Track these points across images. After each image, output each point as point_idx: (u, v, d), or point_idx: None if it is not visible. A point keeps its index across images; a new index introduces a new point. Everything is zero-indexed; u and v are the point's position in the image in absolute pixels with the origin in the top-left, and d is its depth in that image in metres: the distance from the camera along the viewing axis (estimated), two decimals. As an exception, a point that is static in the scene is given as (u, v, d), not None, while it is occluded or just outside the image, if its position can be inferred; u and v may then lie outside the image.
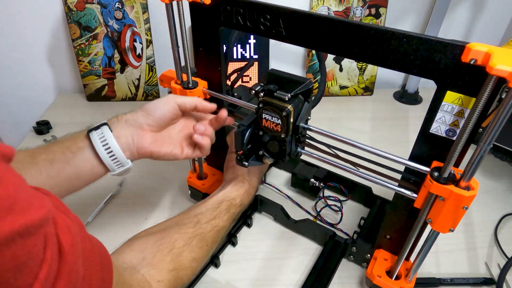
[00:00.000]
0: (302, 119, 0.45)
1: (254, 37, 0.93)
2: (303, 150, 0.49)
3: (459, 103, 0.36)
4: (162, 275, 0.41)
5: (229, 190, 0.55)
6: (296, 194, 0.72)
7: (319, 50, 0.42)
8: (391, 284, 0.49)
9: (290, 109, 0.42)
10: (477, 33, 1.02)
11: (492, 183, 0.75)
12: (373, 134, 0.89)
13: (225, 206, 0.52)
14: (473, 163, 0.34)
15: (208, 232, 0.49)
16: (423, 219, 0.41)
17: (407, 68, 0.36)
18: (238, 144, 0.47)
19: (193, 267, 0.46)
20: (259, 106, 0.45)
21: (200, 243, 0.47)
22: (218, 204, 0.52)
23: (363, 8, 0.93)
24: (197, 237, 0.47)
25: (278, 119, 0.44)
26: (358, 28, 0.37)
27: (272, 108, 0.43)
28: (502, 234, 0.64)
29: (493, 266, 0.59)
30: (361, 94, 1.04)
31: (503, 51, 0.30)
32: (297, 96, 0.44)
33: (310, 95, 0.45)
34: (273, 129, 0.45)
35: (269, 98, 0.44)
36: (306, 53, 1.00)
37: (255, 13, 0.43)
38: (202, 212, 0.50)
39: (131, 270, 0.39)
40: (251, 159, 0.50)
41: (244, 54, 0.95)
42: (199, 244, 0.47)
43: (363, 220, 0.64)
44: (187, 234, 0.46)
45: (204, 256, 0.48)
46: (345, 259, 0.59)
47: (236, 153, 0.48)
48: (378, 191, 0.67)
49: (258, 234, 0.64)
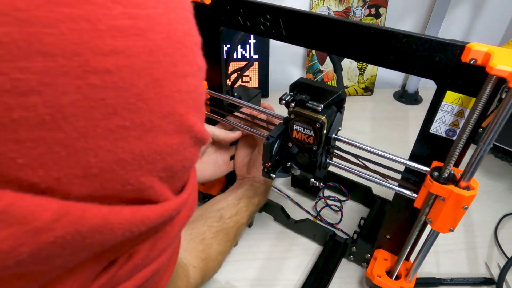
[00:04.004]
0: (334, 130, 0.43)
1: (254, 37, 0.93)
2: (331, 161, 0.47)
3: (459, 103, 0.36)
4: (197, 262, 0.42)
5: (248, 189, 0.56)
6: (296, 194, 0.72)
7: (319, 50, 0.42)
8: (391, 284, 0.49)
9: (324, 120, 0.40)
10: (477, 33, 1.02)
11: (492, 183, 0.75)
12: (373, 134, 0.89)
13: (244, 203, 0.54)
14: (473, 163, 0.34)
15: (231, 227, 0.50)
16: (423, 219, 0.41)
17: (407, 68, 0.36)
18: (266, 156, 0.45)
19: (219, 260, 0.48)
20: (290, 117, 0.43)
21: (225, 238, 0.49)
22: (238, 201, 0.53)
23: (363, 8, 0.93)
24: (223, 231, 0.49)
25: (311, 131, 0.42)
26: (358, 28, 0.37)
27: (304, 119, 0.42)
28: (502, 234, 0.64)
29: (493, 266, 0.59)
30: (361, 94, 1.04)
31: (503, 51, 0.30)
32: (330, 106, 0.42)
33: (343, 105, 0.44)
34: (305, 141, 0.43)
35: (301, 108, 0.42)
36: (306, 53, 1.00)
37: (255, 13, 0.43)
38: (224, 207, 0.52)
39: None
40: (278, 171, 0.48)
41: (244, 54, 0.95)
42: (224, 238, 0.49)
43: (363, 220, 0.64)
44: (214, 228, 0.48)
45: (227, 251, 0.50)
46: (345, 259, 0.59)
47: (263, 165, 0.46)
48: (378, 191, 0.67)
49: (258, 234, 0.64)
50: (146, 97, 0.15)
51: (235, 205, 0.53)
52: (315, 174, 0.46)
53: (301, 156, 0.46)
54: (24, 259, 0.14)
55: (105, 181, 0.15)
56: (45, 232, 0.14)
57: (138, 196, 0.17)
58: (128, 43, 0.15)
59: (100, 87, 0.14)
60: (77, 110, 0.14)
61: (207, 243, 0.46)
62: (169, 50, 0.16)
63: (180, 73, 0.17)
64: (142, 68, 0.15)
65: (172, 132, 0.17)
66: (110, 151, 0.15)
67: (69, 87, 0.13)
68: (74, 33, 0.13)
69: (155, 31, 0.16)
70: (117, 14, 0.14)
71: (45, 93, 0.13)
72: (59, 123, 0.13)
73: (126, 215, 0.16)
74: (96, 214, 0.15)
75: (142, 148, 0.16)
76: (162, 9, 0.16)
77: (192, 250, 0.43)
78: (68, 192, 0.14)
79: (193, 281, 0.40)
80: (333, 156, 0.48)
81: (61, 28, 0.13)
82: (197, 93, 0.19)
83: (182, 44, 0.17)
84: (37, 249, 0.14)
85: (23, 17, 0.12)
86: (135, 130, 0.15)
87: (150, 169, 0.17)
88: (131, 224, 0.16)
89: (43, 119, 0.13)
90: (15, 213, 0.13)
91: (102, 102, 0.14)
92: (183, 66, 0.17)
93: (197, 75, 0.19)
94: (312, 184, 0.49)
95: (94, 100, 0.14)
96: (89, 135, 0.14)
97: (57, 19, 0.13)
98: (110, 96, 0.14)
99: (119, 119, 0.15)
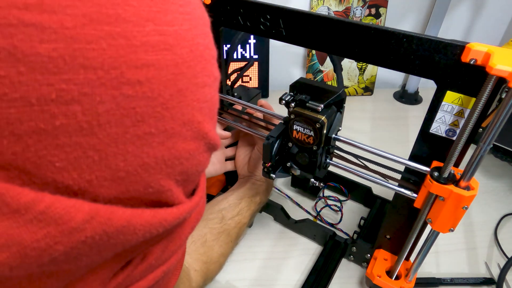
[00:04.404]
0: (334, 130, 0.43)
1: (254, 37, 0.93)
2: (331, 161, 0.47)
3: (459, 103, 0.36)
4: (198, 265, 0.43)
5: (249, 188, 0.56)
6: (296, 194, 0.72)
7: (319, 50, 0.42)
8: (391, 284, 0.49)
9: (324, 120, 0.40)
10: (477, 33, 1.02)
11: (492, 183, 0.75)
12: (373, 134, 0.89)
13: (246, 203, 0.54)
14: (473, 163, 0.34)
15: (233, 228, 0.51)
16: (423, 219, 0.41)
17: (407, 68, 0.36)
18: (266, 156, 0.45)
19: (221, 262, 0.48)
20: (290, 117, 0.43)
21: (226, 239, 0.49)
22: (239, 201, 0.54)
23: (363, 8, 0.93)
24: (224, 233, 0.49)
25: (311, 131, 0.42)
26: (358, 28, 0.37)
27: (304, 119, 0.42)
28: (502, 234, 0.64)
29: (493, 266, 0.59)
30: (361, 94, 1.04)
31: (503, 51, 0.30)
32: (330, 106, 0.42)
33: (343, 105, 0.44)
34: (305, 141, 0.43)
35: (301, 108, 0.42)
36: (306, 53, 1.00)
37: (255, 13, 0.43)
38: (225, 207, 0.52)
39: None
40: (278, 171, 0.48)
41: (244, 54, 0.95)
42: (226, 239, 0.49)
43: (363, 220, 0.64)
44: (215, 229, 0.48)
45: (229, 252, 0.51)
46: (345, 259, 0.59)
47: (263, 165, 0.47)
48: (378, 191, 0.67)
49: (258, 234, 0.64)
50: (170, 106, 0.17)
51: (236, 205, 0.53)
52: (315, 174, 0.46)
53: (301, 156, 0.46)
54: (57, 257, 0.15)
55: (130, 184, 0.17)
56: (78, 232, 0.15)
57: (157, 198, 0.18)
58: (158, 57, 0.16)
59: (132, 97, 0.15)
60: (111, 118, 0.15)
61: (209, 246, 0.46)
62: (192, 63, 0.18)
63: (200, 84, 0.18)
64: (168, 79, 0.16)
65: (190, 138, 0.18)
66: (136, 156, 0.16)
67: (105, 97, 0.15)
68: (113, 49, 0.15)
69: (181, 46, 0.17)
70: (149, 31, 0.16)
71: (85, 102, 0.14)
72: (94, 130, 0.15)
73: (147, 217, 0.17)
74: (121, 216, 0.16)
75: (164, 153, 0.17)
76: (187, 26, 0.18)
77: (193, 253, 0.44)
78: (97, 194, 0.16)
79: (195, 284, 0.41)
80: (333, 156, 0.48)
81: (102, 44, 0.14)
82: (212, 102, 0.20)
83: (202, 57, 0.19)
84: (70, 248, 0.15)
85: (70, 34, 0.14)
86: (159, 137, 0.17)
87: (169, 173, 0.18)
88: (151, 226, 0.18)
89: (81, 126, 0.14)
90: (52, 214, 0.14)
91: (133, 110, 0.16)
92: (203, 77, 0.19)
93: (213, 85, 0.20)
94: (312, 184, 0.49)
95: (126, 109, 0.15)
96: (120, 141, 0.16)
97: (99, 36, 0.14)
98: (140, 105, 0.16)
99: (146, 126, 0.16)
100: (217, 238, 0.48)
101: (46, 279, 0.16)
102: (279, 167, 0.48)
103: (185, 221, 0.21)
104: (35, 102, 0.13)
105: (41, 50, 0.13)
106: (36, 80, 0.13)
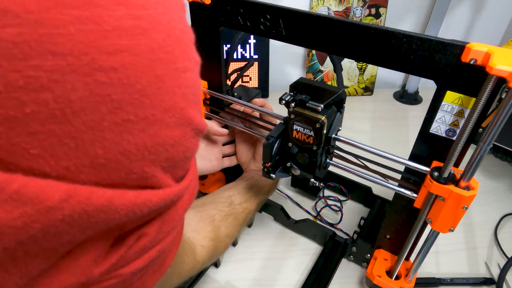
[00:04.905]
0: (334, 130, 0.43)
1: (254, 37, 0.93)
2: (331, 161, 0.47)
3: (459, 103, 0.36)
4: (205, 242, 0.44)
5: (258, 180, 0.57)
6: (296, 194, 0.72)
7: (319, 50, 0.42)
8: (391, 284, 0.49)
9: (324, 120, 0.40)
10: (477, 33, 1.02)
11: (492, 183, 0.75)
12: (373, 134, 0.89)
13: (254, 192, 0.55)
14: (473, 163, 0.34)
15: (240, 213, 0.52)
16: (423, 219, 0.41)
17: (407, 68, 0.36)
18: (266, 156, 0.45)
19: (227, 242, 0.50)
20: (289, 117, 0.43)
21: (234, 222, 0.50)
22: (248, 190, 0.55)
23: (363, 8, 0.93)
24: (232, 216, 0.50)
25: (311, 131, 0.42)
26: (358, 28, 0.37)
27: (304, 119, 0.42)
28: (502, 234, 0.64)
29: (493, 266, 0.59)
30: (361, 94, 1.04)
31: (503, 51, 0.30)
32: (330, 106, 0.42)
33: (343, 105, 0.44)
34: (305, 141, 0.43)
35: (301, 108, 0.42)
36: (306, 53, 1.00)
37: (255, 13, 0.43)
38: (234, 194, 0.53)
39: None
40: (278, 171, 0.48)
41: (244, 54, 0.95)
42: (233, 222, 0.50)
43: (363, 220, 0.64)
44: (223, 212, 0.50)
45: (235, 234, 0.52)
46: (345, 259, 0.59)
47: (263, 165, 0.47)
48: (378, 191, 0.67)
49: (258, 234, 0.64)
50: (149, 92, 0.17)
51: (245, 193, 0.54)
52: (315, 174, 0.46)
53: (301, 156, 0.46)
54: (35, 235, 0.15)
55: (111, 170, 0.17)
56: (55, 210, 0.15)
57: (142, 184, 0.18)
58: (132, 42, 0.16)
59: (106, 83, 0.15)
60: (85, 105, 0.15)
61: (216, 225, 0.47)
62: (170, 48, 0.17)
63: (181, 69, 0.18)
64: (145, 65, 0.16)
65: (173, 125, 0.18)
66: (116, 143, 0.16)
67: (77, 84, 0.14)
68: (82, 34, 0.14)
69: (156, 30, 0.17)
70: (121, 15, 0.15)
71: (56, 89, 0.14)
72: (68, 117, 0.15)
73: (129, 198, 0.17)
74: (101, 195, 0.16)
75: (146, 140, 0.17)
76: (162, 9, 0.17)
77: (201, 231, 0.45)
78: (76, 179, 0.16)
79: (199, 258, 0.43)
80: (333, 156, 0.48)
81: (70, 29, 0.14)
82: (195, 87, 0.20)
83: (181, 42, 0.18)
84: (48, 226, 0.15)
85: (35, 18, 0.13)
86: (139, 124, 0.17)
87: (153, 160, 0.18)
88: (134, 206, 0.18)
89: (53, 113, 0.14)
90: (27, 193, 0.14)
91: (108, 97, 0.15)
92: (183, 62, 0.18)
93: (195, 70, 0.20)
94: (312, 184, 0.49)
95: (100, 96, 0.15)
96: (96, 128, 0.15)
97: (66, 21, 0.14)
98: (115, 92, 0.15)
99: (124, 113, 0.16)
100: (225, 219, 0.49)
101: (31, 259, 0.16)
102: (279, 167, 0.48)
103: (177, 202, 0.22)
104: (3, 89, 0.13)
105: (4, 35, 0.13)
106: (1, 66, 0.13)
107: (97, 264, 0.19)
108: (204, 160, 0.58)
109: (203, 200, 0.52)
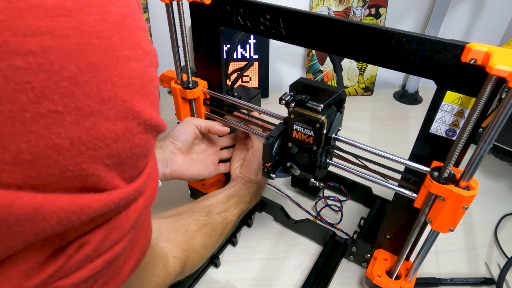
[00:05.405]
0: (334, 130, 0.43)
1: (254, 37, 0.93)
2: (331, 161, 0.47)
3: (459, 103, 0.36)
4: (178, 253, 0.43)
5: (240, 188, 0.56)
6: (296, 194, 0.72)
7: (319, 50, 0.42)
8: (391, 284, 0.49)
9: (323, 120, 0.40)
10: (477, 33, 1.02)
11: (492, 183, 0.75)
12: (373, 134, 0.89)
13: (235, 201, 0.54)
14: (473, 163, 0.34)
15: (219, 223, 0.50)
16: (423, 219, 0.41)
17: (407, 68, 0.36)
18: (266, 156, 0.45)
19: (202, 253, 0.48)
20: (289, 117, 0.43)
21: (210, 232, 0.49)
22: (228, 199, 0.54)
23: (363, 8, 0.93)
24: (209, 225, 0.49)
25: (311, 131, 0.42)
26: (358, 28, 0.37)
27: (304, 119, 0.42)
28: (502, 234, 0.64)
29: (493, 266, 0.59)
30: (361, 94, 1.04)
31: (503, 51, 0.30)
32: (330, 106, 0.42)
33: (343, 105, 0.44)
34: (305, 141, 0.44)
35: (301, 108, 0.42)
36: (306, 53, 1.00)
37: (255, 13, 0.43)
38: (213, 204, 0.52)
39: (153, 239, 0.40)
40: (278, 171, 0.48)
41: (244, 54, 0.95)
42: (210, 232, 0.49)
43: (363, 220, 0.64)
44: (200, 221, 0.48)
45: (213, 245, 0.50)
46: (345, 259, 0.59)
47: (263, 165, 0.47)
48: (378, 191, 0.67)
49: (258, 234, 0.64)
50: (80, 80, 0.15)
51: (225, 202, 0.53)
52: (315, 174, 0.46)
53: (301, 156, 0.46)
54: None
55: (40, 167, 0.15)
56: None
57: (81, 183, 0.17)
58: (54, 24, 0.14)
59: (24, 69, 0.13)
60: (1, 93, 0.13)
61: (190, 235, 0.46)
62: (105, 33, 0.16)
63: (121, 57, 0.17)
64: (73, 50, 0.15)
65: (115, 118, 0.17)
66: (43, 136, 0.15)
67: None
68: None
69: (87, 12, 0.15)
70: None
71: None
72: None
73: (62, 204, 0.16)
74: (26, 203, 0.15)
75: (81, 134, 0.16)
76: None
77: (174, 241, 0.43)
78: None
79: (171, 270, 0.41)
80: (333, 156, 0.47)
81: None
82: (144, 78, 0.18)
83: (120, 27, 0.17)
84: None
85: None
86: (71, 115, 0.15)
87: (92, 156, 0.16)
88: (68, 213, 0.16)
89: None
90: None
91: (28, 85, 0.14)
92: (124, 50, 0.17)
93: (143, 60, 0.18)
94: (312, 184, 0.49)
95: (18, 83, 0.13)
96: (17, 119, 0.14)
97: None
98: (37, 79, 0.14)
99: (50, 103, 0.14)
100: (201, 229, 0.48)
101: None
102: (279, 167, 0.49)
103: (129, 206, 0.20)
104: None
105: None
106: None
107: (29, 277, 0.17)
108: (202, 165, 0.57)
109: (179, 209, 0.50)
